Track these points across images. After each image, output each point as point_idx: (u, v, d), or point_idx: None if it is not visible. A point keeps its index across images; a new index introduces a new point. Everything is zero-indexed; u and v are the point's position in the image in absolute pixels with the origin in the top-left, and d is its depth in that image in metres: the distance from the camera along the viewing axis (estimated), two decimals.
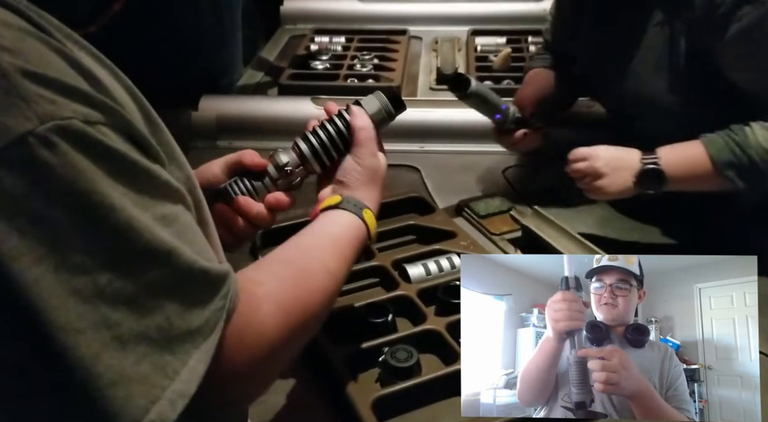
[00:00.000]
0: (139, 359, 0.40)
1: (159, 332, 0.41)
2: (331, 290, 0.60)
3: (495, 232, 1.07)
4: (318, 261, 0.61)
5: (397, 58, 1.75)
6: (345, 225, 0.67)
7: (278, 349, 0.51)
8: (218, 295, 0.45)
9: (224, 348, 0.46)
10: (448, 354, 0.81)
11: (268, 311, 0.51)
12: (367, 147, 0.72)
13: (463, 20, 1.99)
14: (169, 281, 0.42)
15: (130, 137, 0.42)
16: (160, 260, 0.41)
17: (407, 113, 1.41)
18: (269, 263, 0.59)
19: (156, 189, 0.43)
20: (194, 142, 1.36)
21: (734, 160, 0.91)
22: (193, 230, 0.46)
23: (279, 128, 1.39)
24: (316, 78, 1.64)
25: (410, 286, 0.92)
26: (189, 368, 0.42)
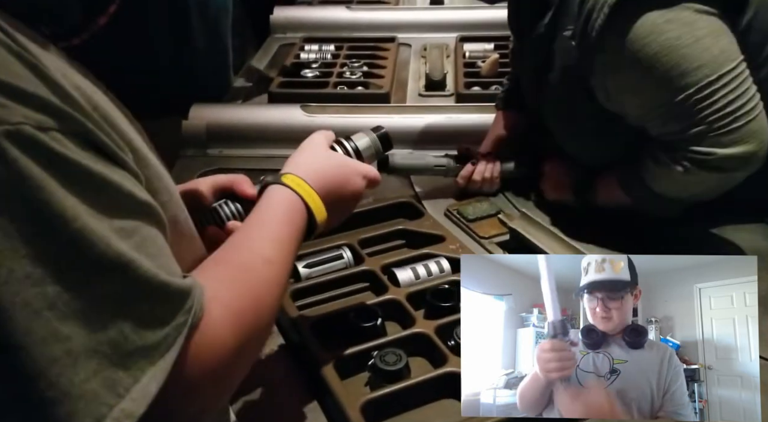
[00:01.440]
0: (89, 375, 0.38)
1: (112, 347, 0.39)
2: (276, 278, 0.57)
3: (484, 235, 1.08)
4: (252, 253, 0.58)
5: (386, 65, 1.76)
6: (271, 203, 0.64)
7: (234, 356, 0.49)
8: (181, 310, 0.44)
9: (182, 364, 0.44)
10: (436, 357, 0.82)
11: (218, 316, 0.48)
12: (311, 136, 0.74)
13: (451, 27, 2.01)
14: (125, 295, 0.40)
15: (92, 146, 0.41)
16: (115, 272, 0.40)
17: (396, 118, 1.45)
18: (207, 266, 0.55)
19: (116, 200, 0.41)
20: (184, 150, 1.36)
21: (648, 198, 0.99)
22: (156, 243, 0.44)
23: (269, 136, 1.40)
24: (305, 86, 1.65)
25: (399, 290, 0.92)
26: (141, 386, 0.40)
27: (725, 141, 0.88)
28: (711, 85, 0.87)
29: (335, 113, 1.43)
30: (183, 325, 0.44)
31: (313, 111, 1.43)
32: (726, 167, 0.90)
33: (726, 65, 0.87)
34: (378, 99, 1.57)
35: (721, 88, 0.87)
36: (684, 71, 0.87)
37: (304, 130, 1.40)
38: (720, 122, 0.87)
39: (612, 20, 0.88)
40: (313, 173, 0.68)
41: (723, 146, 0.88)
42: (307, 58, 1.80)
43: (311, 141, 0.74)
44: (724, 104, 0.87)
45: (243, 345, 0.50)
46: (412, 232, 1.07)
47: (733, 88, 0.87)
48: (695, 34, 0.87)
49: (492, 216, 1.12)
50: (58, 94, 0.40)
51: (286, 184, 0.65)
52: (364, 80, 1.68)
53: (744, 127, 0.87)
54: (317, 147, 0.73)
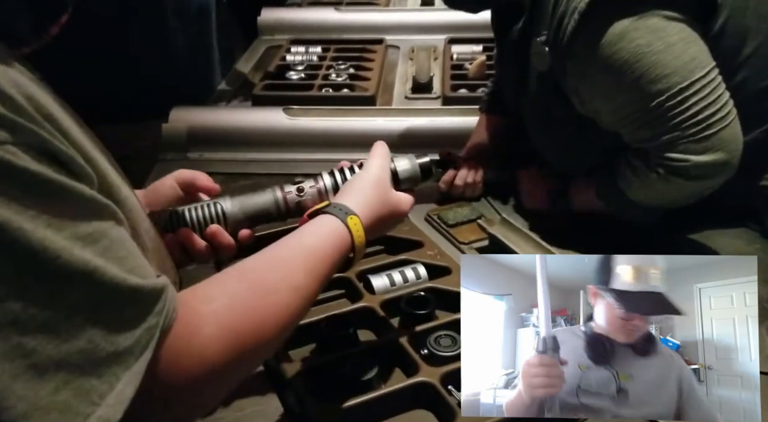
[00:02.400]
0: (59, 386, 0.38)
1: (82, 356, 0.39)
2: (296, 307, 0.56)
3: (463, 241, 1.06)
4: (283, 276, 0.57)
5: (372, 67, 1.75)
6: (325, 233, 0.64)
7: (220, 373, 0.49)
8: (152, 313, 0.43)
9: (157, 368, 0.44)
10: (409, 366, 0.80)
11: (210, 333, 0.48)
12: (377, 161, 0.72)
13: (440, 29, 2.00)
14: (92, 303, 0.40)
15: (48, 156, 0.40)
16: (80, 281, 0.40)
17: (380, 122, 1.43)
18: (226, 277, 0.55)
19: (77, 207, 0.41)
20: (164, 154, 1.34)
21: (624, 205, 0.98)
22: (125, 246, 0.44)
23: (250, 140, 1.38)
24: (290, 88, 1.63)
25: (374, 297, 0.91)
26: (116, 392, 0.40)
27: (698, 148, 0.87)
28: (682, 92, 0.85)
29: (318, 116, 1.41)
30: (155, 327, 0.43)
31: (295, 114, 1.41)
32: (700, 175, 0.89)
33: (697, 72, 0.86)
34: (363, 102, 1.55)
35: (692, 96, 0.85)
36: (655, 78, 0.86)
37: (286, 133, 1.41)
38: (692, 129, 0.86)
39: (582, 26, 0.87)
40: (371, 215, 0.68)
41: (696, 153, 0.87)
42: (293, 60, 1.79)
43: (379, 170, 0.72)
44: (696, 111, 0.86)
45: (234, 363, 0.50)
46: (391, 237, 1.05)
47: (704, 95, 0.86)
48: (666, 41, 0.85)
49: (472, 221, 1.10)
50: (9, 106, 0.39)
51: (348, 225, 0.65)
52: (350, 82, 1.66)
53: (716, 134, 0.86)
54: (382, 181, 0.71)
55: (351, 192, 0.70)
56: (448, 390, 0.75)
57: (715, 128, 0.86)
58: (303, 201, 0.75)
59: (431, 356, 0.81)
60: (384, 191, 0.71)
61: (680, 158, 0.88)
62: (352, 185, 0.71)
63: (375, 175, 0.71)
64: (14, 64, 0.44)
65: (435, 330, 0.84)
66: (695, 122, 0.86)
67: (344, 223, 0.65)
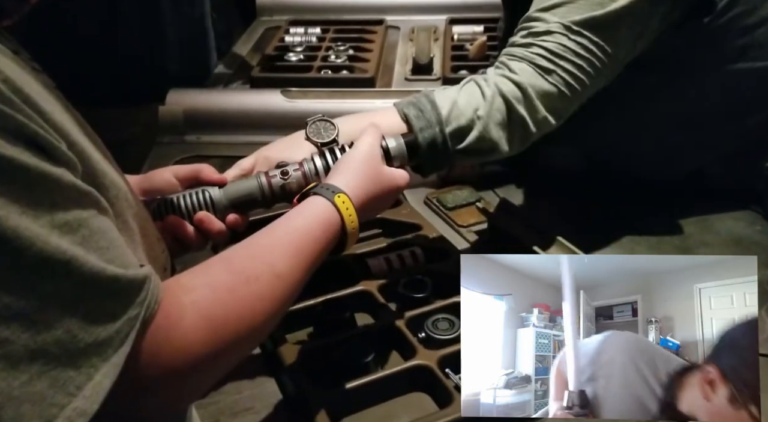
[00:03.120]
0: (33, 377, 0.38)
1: (59, 346, 0.39)
2: (280, 295, 0.55)
3: (462, 224, 1.06)
4: (265, 263, 0.55)
5: (372, 48, 1.73)
6: (311, 214, 0.62)
7: (202, 363, 0.48)
8: (133, 303, 0.42)
9: (137, 360, 0.43)
10: (407, 350, 0.80)
11: (191, 324, 0.47)
12: (367, 139, 0.71)
13: (441, 9, 1.97)
14: (70, 293, 0.39)
15: (25, 140, 0.39)
16: (56, 270, 0.39)
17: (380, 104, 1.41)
18: (209, 266, 0.54)
19: (56, 193, 0.40)
20: (161, 137, 1.33)
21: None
22: (107, 236, 0.43)
23: (248, 122, 1.37)
24: (289, 70, 1.61)
25: (371, 281, 0.90)
26: (94, 383, 0.40)
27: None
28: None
29: (316, 98, 1.40)
30: (135, 318, 0.43)
31: (294, 96, 1.40)
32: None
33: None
34: (363, 83, 1.54)
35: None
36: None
37: (284, 115, 1.40)
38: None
39: None
40: (362, 193, 0.66)
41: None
42: (291, 41, 1.77)
43: (368, 148, 0.71)
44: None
45: (216, 354, 0.49)
46: (389, 220, 1.05)
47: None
48: None
49: (471, 204, 1.09)
50: None
51: (336, 205, 0.63)
52: (350, 64, 1.65)
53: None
54: (372, 158, 0.70)
55: (340, 171, 0.68)
56: (446, 373, 0.75)
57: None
58: (288, 184, 0.73)
59: (429, 339, 0.80)
60: (375, 168, 0.70)
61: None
62: (341, 164, 0.70)
63: (365, 152, 0.70)
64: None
65: (433, 314, 0.83)
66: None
67: (332, 202, 0.63)
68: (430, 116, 0.79)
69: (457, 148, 0.80)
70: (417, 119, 0.79)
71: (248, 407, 0.75)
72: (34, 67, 0.48)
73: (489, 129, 0.79)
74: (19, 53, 0.47)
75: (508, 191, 1.15)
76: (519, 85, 0.80)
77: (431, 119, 0.79)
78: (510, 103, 0.79)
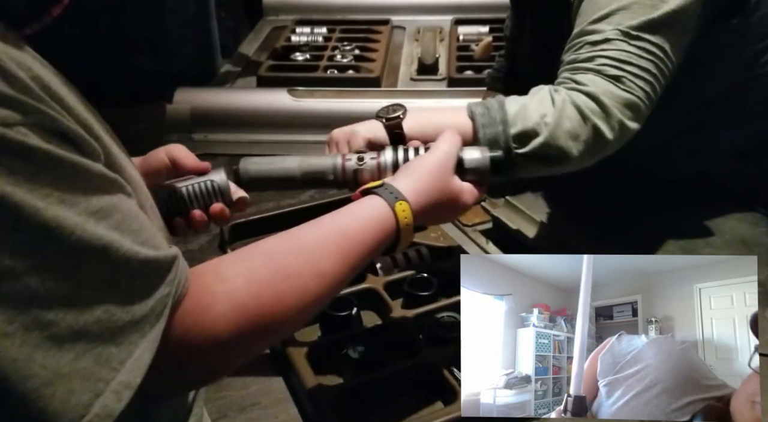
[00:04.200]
0: (79, 355, 0.40)
1: (100, 325, 0.41)
2: (318, 294, 0.53)
3: (467, 223, 1.06)
4: (309, 260, 0.54)
5: (378, 48, 1.74)
6: (368, 216, 0.60)
7: (229, 350, 0.49)
8: (164, 281, 0.45)
9: (169, 337, 0.45)
10: (411, 347, 0.81)
11: (221, 313, 0.48)
12: (444, 146, 0.68)
13: (446, 9, 1.98)
14: (108, 276, 0.41)
15: (57, 134, 0.41)
16: (94, 256, 0.41)
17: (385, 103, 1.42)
18: (249, 255, 0.53)
19: (89, 182, 0.42)
20: (168, 135, 1.34)
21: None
22: (138, 218, 0.45)
23: (255, 121, 1.38)
24: (295, 69, 1.62)
25: (377, 278, 0.91)
26: (135, 358, 0.42)
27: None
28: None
29: (323, 97, 1.41)
30: (168, 296, 0.45)
31: (300, 95, 1.41)
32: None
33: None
34: (368, 83, 1.55)
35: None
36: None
37: (291, 114, 1.41)
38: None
39: None
40: (425, 203, 0.64)
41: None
42: (298, 41, 1.78)
43: (443, 156, 0.67)
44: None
45: (244, 343, 0.50)
46: None
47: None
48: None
49: (476, 203, 1.10)
50: (17, 87, 0.40)
51: (396, 211, 0.61)
52: (356, 64, 1.65)
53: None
54: (444, 168, 0.67)
55: (408, 173, 0.66)
56: (450, 370, 0.75)
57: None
58: (360, 170, 0.71)
59: (433, 337, 0.81)
60: (443, 178, 0.66)
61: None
62: (411, 167, 0.67)
63: (437, 158, 0.67)
64: (18, 45, 0.45)
65: (437, 312, 0.84)
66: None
67: (391, 207, 0.61)
68: (495, 114, 0.78)
69: (520, 152, 0.78)
70: (481, 116, 0.79)
71: (255, 402, 0.76)
72: (45, 65, 0.50)
73: (557, 136, 0.78)
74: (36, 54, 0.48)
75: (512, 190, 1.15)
76: (591, 94, 0.79)
77: (495, 117, 0.78)
78: (583, 113, 0.78)
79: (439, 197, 0.66)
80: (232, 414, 0.74)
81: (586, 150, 0.79)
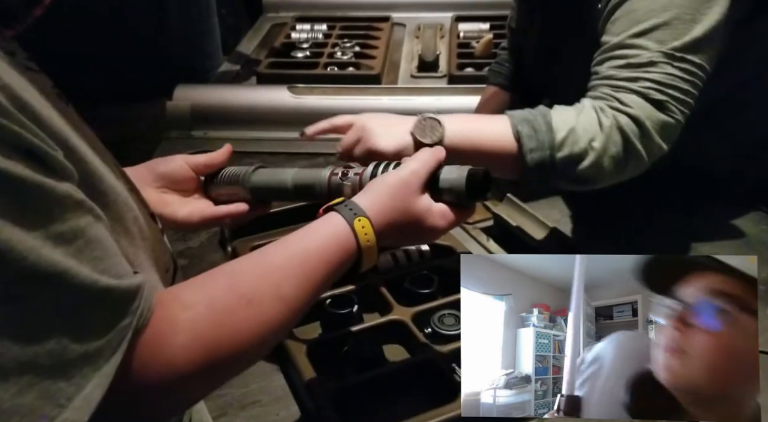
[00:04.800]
0: (23, 389, 0.37)
1: (51, 358, 0.38)
2: (281, 319, 0.52)
3: (468, 221, 1.06)
4: (271, 284, 0.52)
5: (378, 45, 1.73)
6: (328, 235, 0.58)
7: (190, 382, 0.47)
8: (126, 313, 0.42)
9: (128, 370, 0.43)
10: (412, 345, 0.81)
11: (182, 343, 0.46)
12: (413, 164, 0.64)
13: (447, 6, 1.98)
14: (62, 305, 0.39)
15: (21, 151, 0.39)
16: (49, 283, 0.38)
17: (386, 101, 1.42)
18: (212, 280, 0.52)
19: (51, 205, 0.39)
20: (168, 132, 1.34)
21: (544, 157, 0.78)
22: (101, 244, 0.42)
23: (255, 118, 1.38)
24: (295, 67, 1.62)
25: (378, 276, 0.91)
26: (84, 394, 0.39)
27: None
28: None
29: (323, 94, 1.40)
30: (127, 327, 0.42)
31: (300, 92, 1.40)
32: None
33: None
34: (368, 80, 1.54)
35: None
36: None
37: (291, 111, 1.40)
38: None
39: None
40: (386, 223, 0.61)
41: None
42: (298, 38, 1.77)
43: (411, 175, 0.64)
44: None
45: (206, 374, 0.48)
46: None
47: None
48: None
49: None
50: None
51: (354, 229, 0.58)
52: (356, 61, 1.65)
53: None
54: (409, 187, 0.63)
55: (369, 190, 0.63)
56: (452, 368, 0.75)
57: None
58: (343, 186, 0.70)
59: (434, 335, 0.81)
60: (405, 197, 0.62)
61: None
62: (373, 184, 0.64)
63: (399, 177, 0.63)
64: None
65: (438, 309, 0.84)
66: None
67: (350, 224, 0.59)
68: (543, 138, 0.77)
69: (564, 173, 0.78)
70: (529, 139, 0.77)
71: (255, 400, 0.75)
72: (31, 67, 0.48)
73: (602, 161, 0.78)
74: (16, 55, 0.46)
75: (513, 188, 1.15)
76: (635, 118, 0.78)
77: (544, 141, 0.77)
78: (627, 138, 0.78)
79: (400, 217, 0.62)
80: (233, 412, 0.74)
81: (622, 172, 0.80)
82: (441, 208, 0.64)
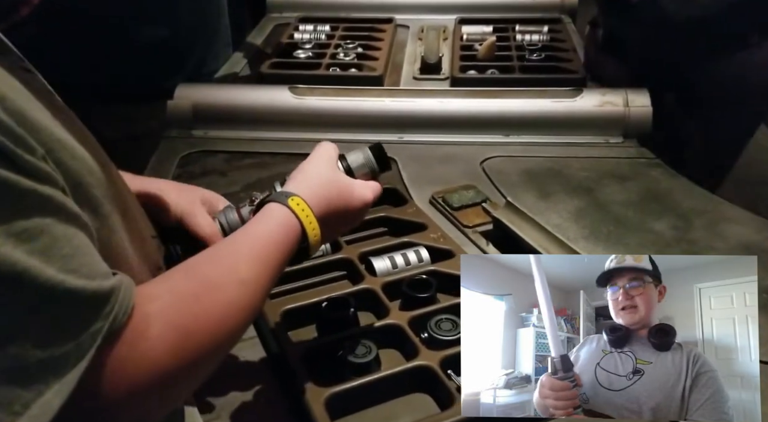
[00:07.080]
0: None
1: (11, 362, 0.37)
2: (245, 301, 0.53)
3: (467, 224, 1.05)
4: (227, 270, 0.54)
5: (381, 47, 1.72)
6: (271, 220, 0.61)
7: (167, 377, 0.46)
8: (96, 316, 0.40)
9: (101, 375, 0.41)
10: (409, 350, 0.80)
11: (158, 333, 0.45)
12: (316, 152, 0.70)
13: (451, 9, 1.97)
14: (24, 307, 0.37)
15: None
16: (8, 282, 0.37)
17: (387, 102, 1.41)
18: (171, 275, 0.53)
19: (14, 201, 0.38)
20: (169, 131, 1.33)
21: None
22: (71, 243, 0.40)
23: (256, 118, 1.37)
24: (297, 67, 1.61)
25: (375, 279, 0.90)
26: (42, 401, 0.38)
27: None
28: None
29: (324, 95, 1.40)
30: (98, 333, 0.41)
31: (301, 93, 1.40)
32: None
33: None
34: (371, 82, 1.53)
35: None
36: None
37: (292, 112, 1.40)
38: None
39: None
40: (317, 197, 0.64)
41: None
42: (300, 38, 1.77)
43: (319, 158, 0.70)
44: None
45: (185, 366, 0.47)
46: (394, 219, 1.05)
47: None
48: None
49: (477, 204, 1.09)
50: None
51: (290, 206, 0.62)
52: (358, 62, 1.64)
53: None
54: (325, 166, 0.69)
55: (291, 178, 0.67)
56: (448, 374, 0.74)
57: None
58: (252, 210, 0.71)
59: (431, 340, 0.80)
60: (328, 174, 0.67)
61: None
62: (293, 174, 0.68)
63: (316, 164, 0.69)
64: None
65: (436, 314, 0.83)
66: None
67: (286, 206, 0.61)
68: None
69: None
70: None
71: (248, 402, 0.75)
72: (25, 67, 0.47)
73: None
74: (6, 55, 0.46)
75: (514, 192, 1.15)
76: None
77: None
78: None
79: (328, 191, 0.66)
80: (226, 415, 0.73)
81: None
82: (362, 181, 0.71)
